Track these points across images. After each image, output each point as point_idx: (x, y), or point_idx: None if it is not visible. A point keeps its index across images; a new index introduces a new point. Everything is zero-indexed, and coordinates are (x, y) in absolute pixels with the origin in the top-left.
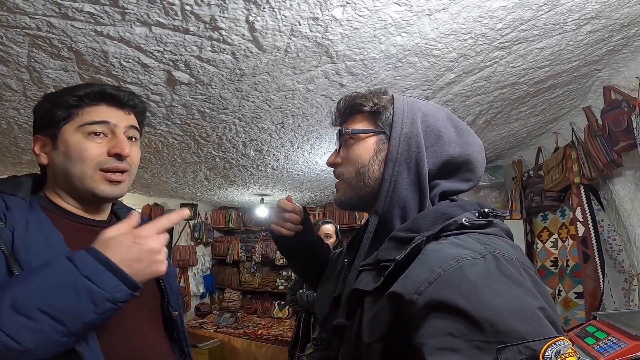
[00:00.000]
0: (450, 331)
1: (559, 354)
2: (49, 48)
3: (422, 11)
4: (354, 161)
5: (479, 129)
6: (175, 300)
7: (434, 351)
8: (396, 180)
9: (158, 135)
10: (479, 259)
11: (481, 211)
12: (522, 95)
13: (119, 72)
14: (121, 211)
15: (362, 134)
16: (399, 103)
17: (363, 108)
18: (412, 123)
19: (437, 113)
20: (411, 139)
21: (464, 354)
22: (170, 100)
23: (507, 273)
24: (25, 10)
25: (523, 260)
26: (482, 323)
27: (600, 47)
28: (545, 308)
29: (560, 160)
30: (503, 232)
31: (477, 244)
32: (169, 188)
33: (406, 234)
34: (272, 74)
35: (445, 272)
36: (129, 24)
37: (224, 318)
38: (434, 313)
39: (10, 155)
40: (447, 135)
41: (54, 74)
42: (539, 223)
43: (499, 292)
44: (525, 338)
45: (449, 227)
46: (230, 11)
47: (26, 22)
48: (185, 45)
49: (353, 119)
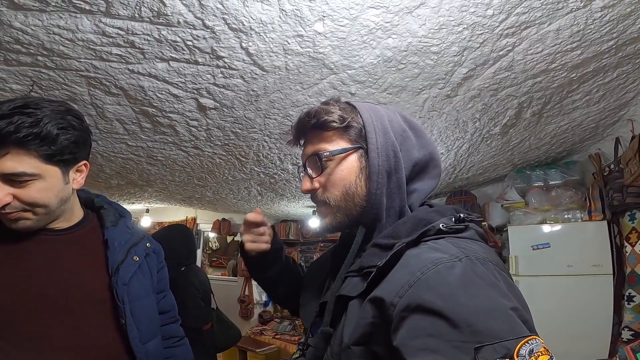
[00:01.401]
0: (429, 332)
1: (532, 352)
2: (101, 86)
3: (400, 10)
4: (339, 184)
5: (530, 123)
6: (132, 309)
7: (414, 352)
8: (381, 192)
9: (206, 156)
10: (456, 262)
11: (457, 216)
12: (566, 82)
13: (158, 104)
14: (105, 211)
15: (342, 153)
16: (365, 112)
17: (333, 124)
18: (384, 132)
19: (396, 116)
20: (388, 149)
21: (444, 354)
22: (206, 125)
23: (482, 275)
24: (71, 55)
25: (497, 262)
26: (460, 323)
27: (632, 23)
28: (517, 308)
29: (637, 150)
30: (478, 236)
31: (454, 247)
32: (230, 204)
33: (387, 240)
34: (284, 92)
35: (424, 275)
36: (150, 61)
37: (283, 325)
38: (414, 315)
39: (102, 181)
40: (409, 138)
41: (112, 109)
42: (626, 223)
43: (475, 293)
44: (500, 337)
45: (428, 232)
46: (224, 41)
47: (76, 65)
48: (201, 75)
49: (321, 138)
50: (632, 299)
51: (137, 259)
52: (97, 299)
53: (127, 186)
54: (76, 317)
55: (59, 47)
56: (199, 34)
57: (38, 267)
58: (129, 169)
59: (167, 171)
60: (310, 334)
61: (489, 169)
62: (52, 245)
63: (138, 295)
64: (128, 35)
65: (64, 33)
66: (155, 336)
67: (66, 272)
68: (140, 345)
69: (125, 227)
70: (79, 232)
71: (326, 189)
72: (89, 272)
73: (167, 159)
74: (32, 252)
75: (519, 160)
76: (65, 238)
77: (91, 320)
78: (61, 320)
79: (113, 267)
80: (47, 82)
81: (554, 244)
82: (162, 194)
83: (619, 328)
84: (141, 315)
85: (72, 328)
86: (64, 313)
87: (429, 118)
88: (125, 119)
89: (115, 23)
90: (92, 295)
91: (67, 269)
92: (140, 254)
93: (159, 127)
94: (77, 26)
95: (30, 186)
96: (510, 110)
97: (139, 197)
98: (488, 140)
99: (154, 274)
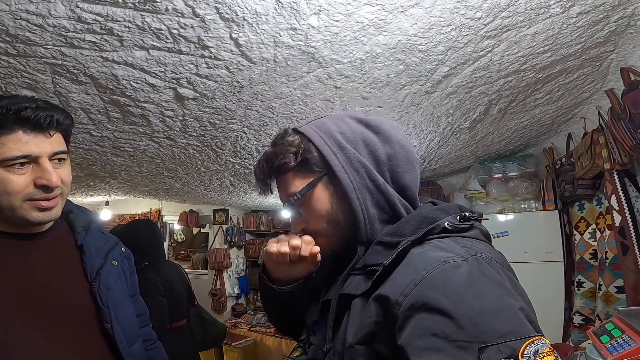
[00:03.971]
0: (434, 332)
1: (537, 352)
2: (68, 74)
3: (395, 9)
4: (319, 216)
5: (495, 119)
6: (115, 313)
7: (418, 351)
8: (366, 205)
9: (179, 147)
10: (462, 262)
11: (462, 215)
12: (532, 82)
13: (132, 93)
14: (75, 215)
15: (309, 190)
16: (314, 136)
17: (289, 165)
18: (340, 148)
19: (348, 123)
20: (352, 162)
21: (448, 353)
22: (182, 115)
23: (488, 275)
24: (37, 42)
25: (502, 262)
26: (465, 323)
27: (600, 29)
28: (524, 308)
29: (588, 146)
30: (482, 235)
31: (460, 247)
32: (200, 195)
33: (392, 238)
34: (269, 84)
35: (429, 274)
36: (128, 49)
37: (257, 317)
38: (419, 314)
39: None
40: (370, 138)
41: (78, 97)
42: (575, 213)
43: (481, 293)
44: (505, 337)
45: (433, 230)
46: (213, 31)
47: (42, 52)
48: (183, 64)
49: (286, 182)
50: (581, 285)
51: (115, 264)
52: (79, 305)
53: (87, 178)
54: (61, 323)
55: (25, 33)
56: (186, 22)
57: (15, 274)
58: (91, 160)
59: (134, 162)
60: (312, 332)
61: (455, 161)
62: (27, 251)
63: (119, 299)
64: (107, 21)
65: (33, 18)
66: (138, 339)
67: (45, 278)
68: (127, 349)
69: (98, 231)
70: (52, 236)
71: (312, 224)
72: (67, 278)
73: (135, 150)
74: (8, 258)
75: (481, 153)
76: (39, 243)
77: (76, 326)
78: (45, 328)
79: (92, 272)
80: (5, 70)
81: (512, 232)
82: (126, 186)
83: (570, 313)
84: (124, 319)
85: (57, 335)
86: (48, 320)
87: (407, 112)
88: (91, 108)
89: (94, 9)
90: (74, 302)
91: (46, 275)
92: (118, 259)
93: (129, 117)
94: (50, 11)
95: (65, 165)
96: (480, 106)
97: (99, 189)
98: (457, 134)
99: (128, 278)
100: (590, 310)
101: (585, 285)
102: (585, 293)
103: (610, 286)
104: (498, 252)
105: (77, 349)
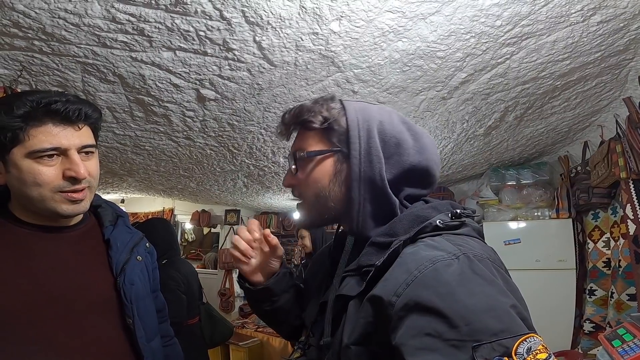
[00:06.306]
0: (427, 331)
1: (530, 350)
2: (97, 73)
3: (415, 16)
4: (312, 185)
5: (511, 126)
6: (137, 308)
7: (413, 351)
8: (364, 198)
9: (197, 147)
10: (453, 260)
11: (454, 212)
12: (550, 89)
13: (157, 93)
14: (103, 209)
15: (318, 155)
16: (352, 114)
17: (312, 125)
18: (369, 136)
19: (392, 118)
20: (372, 155)
21: (442, 353)
22: (202, 115)
23: (479, 273)
24: (72, 40)
25: (494, 259)
26: (458, 322)
27: (620, 37)
28: (516, 306)
29: (605, 155)
30: (475, 232)
31: (451, 245)
32: (213, 195)
33: (385, 238)
34: (288, 86)
35: (421, 273)
36: (156, 49)
37: None
38: (412, 314)
39: None
40: (406, 141)
41: (105, 96)
42: (589, 222)
43: (473, 291)
44: (498, 335)
45: (425, 229)
46: (238, 33)
47: (75, 50)
48: (207, 66)
49: (303, 137)
50: (593, 293)
51: (140, 259)
52: (104, 298)
53: (105, 175)
54: (83, 317)
55: (61, 32)
56: (213, 25)
57: (43, 267)
58: (111, 158)
59: (152, 161)
60: (311, 333)
61: (468, 167)
62: (55, 244)
63: (141, 294)
64: (139, 22)
65: (70, 17)
66: (157, 335)
67: (71, 271)
68: (146, 345)
69: (125, 226)
70: (80, 230)
71: (302, 188)
72: (94, 272)
73: (155, 148)
74: (36, 250)
75: (495, 160)
76: (68, 236)
77: (98, 320)
78: (68, 321)
79: (118, 266)
80: (38, 68)
81: (524, 240)
82: (143, 184)
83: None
84: (145, 314)
85: (78, 328)
86: (71, 313)
87: (422, 118)
88: (117, 107)
89: (129, 9)
90: (99, 295)
91: (72, 268)
92: (142, 254)
93: (151, 117)
94: (87, 11)
95: (93, 159)
96: (496, 113)
97: (116, 187)
98: (472, 140)
99: (150, 274)
100: (602, 317)
101: (597, 293)
102: (596, 301)
103: (623, 294)
104: (490, 248)
105: (98, 343)
